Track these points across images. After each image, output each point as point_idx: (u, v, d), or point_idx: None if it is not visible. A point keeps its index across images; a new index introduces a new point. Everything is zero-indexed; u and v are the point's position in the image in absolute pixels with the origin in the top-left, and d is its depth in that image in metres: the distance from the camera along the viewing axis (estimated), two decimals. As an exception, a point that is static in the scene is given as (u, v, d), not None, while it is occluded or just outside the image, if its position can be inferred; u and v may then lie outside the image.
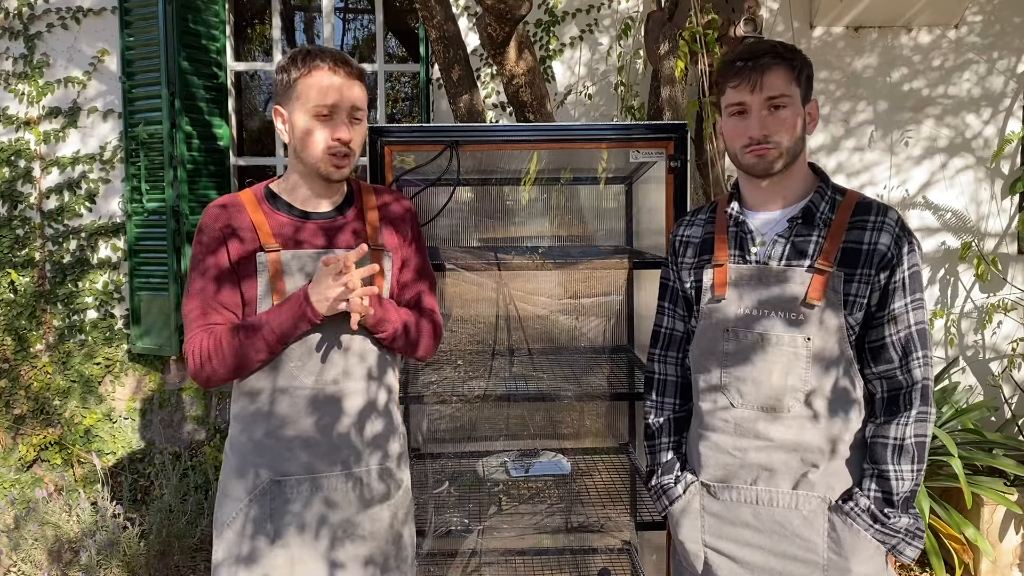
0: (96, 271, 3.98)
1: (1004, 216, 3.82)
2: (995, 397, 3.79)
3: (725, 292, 1.51)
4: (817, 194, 1.50)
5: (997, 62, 3.77)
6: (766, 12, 3.75)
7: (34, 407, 3.97)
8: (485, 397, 2.20)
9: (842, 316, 1.44)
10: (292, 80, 1.54)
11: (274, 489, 1.57)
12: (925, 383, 1.44)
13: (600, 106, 3.91)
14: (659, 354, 1.72)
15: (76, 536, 3.12)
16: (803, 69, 1.48)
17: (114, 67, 3.90)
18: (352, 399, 1.60)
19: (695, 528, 1.57)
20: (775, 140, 1.45)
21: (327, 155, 1.55)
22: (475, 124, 3.09)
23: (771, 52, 1.45)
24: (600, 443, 2.72)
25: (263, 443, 1.58)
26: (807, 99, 1.50)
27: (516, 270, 2.21)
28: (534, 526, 2.25)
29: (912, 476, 1.43)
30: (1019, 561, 3.16)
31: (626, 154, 2.05)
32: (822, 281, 1.43)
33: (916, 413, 1.43)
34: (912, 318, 1.44)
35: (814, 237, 1.47)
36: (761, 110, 1.45)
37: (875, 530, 1.43)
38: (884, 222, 1.45)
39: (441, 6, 3.01)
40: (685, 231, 1.67)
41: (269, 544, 1.56)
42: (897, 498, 1.42)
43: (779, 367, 1.46)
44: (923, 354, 1.44)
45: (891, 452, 1.43)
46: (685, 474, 1.61)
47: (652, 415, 1.71)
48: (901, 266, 1.43)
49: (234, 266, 1.56)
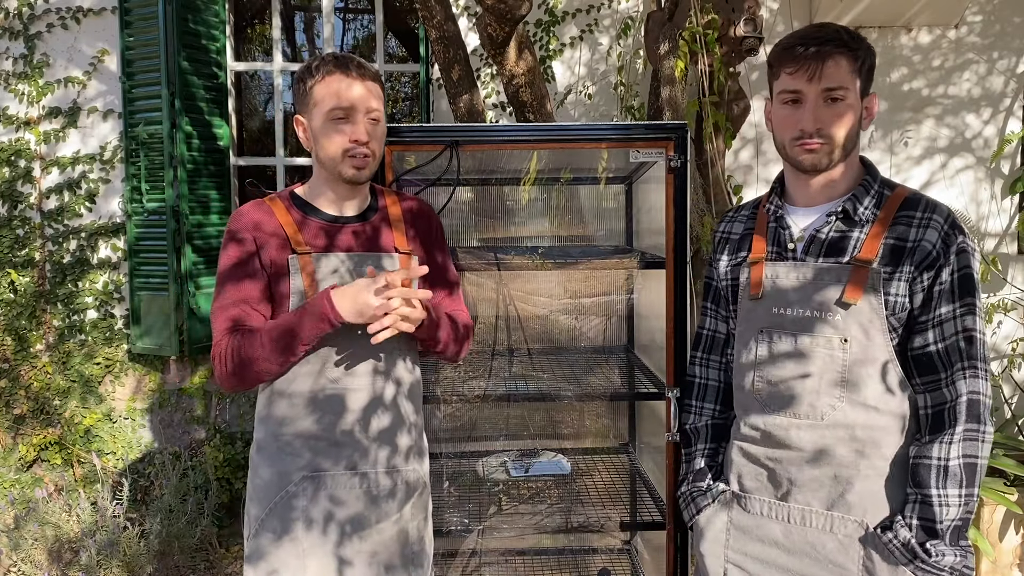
0: (96, 271, 3.98)
1: (1004, 216, 3.82)
2: (995, 397, 3.79)
3: (760, 291, 1.43)
4: (862, 187, 1.40)
5: (997, 62, 3.77)
6: (766, 12, 3.75)
7: (34, 407, 3.97)
8: (485, 397, 2.20)
9: (884, 317, 1.32)
10: (308, 88, 1.57)
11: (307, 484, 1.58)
12: (973, 397, 1.29)
13: (600, 106, 3.91)
14: (701, 357, 1.64)
15: (76, 536, 3.12)
16: (867, 59, 1.37)
17: (114, 67, 3.90)
18: (359, 395, 1.61)
19: (719, 542, 1.48)
20: (828, 134, 1.35)
21: (346, 157, 1.57)
22: (475, 124, 3.09)
23: (835, 39, 1.33)
24: (600, 443, 2.72)
25: (293, 441, 1.59)
26: (866, 92, 1.38)
27: (516, 270, 2.21)
28: (534, 526, 2.25)
29: (959, 502, 1.27)
30: (1019, 561, 3.16)
31: (626, 154, 2.05)
32: (861, 279, 1.32)
33: (963, 431, 1.28)
34: (960, 324, 1.30)
35: (855, 234, 1.36)
36: (817, 101, 1.34)
37: (915, 566, 1.28)
38: (932, 218, 1.33)
39: (441, 6, 3.01)
40: (726, 227, 1.59)
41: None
42: (941, 527, 1.28)
43: (815, 371, 1.36)
44: (974, 365, 1.30)
45: (935, 475, 1.28)
46: (717, 484, 1.52)
47: (690, 419, 1.62)
48: (948, 267, 1.31)
49: (266, 270, 1.58)
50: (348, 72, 1.55)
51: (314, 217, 1.63)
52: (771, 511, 1.42)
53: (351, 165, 1.57)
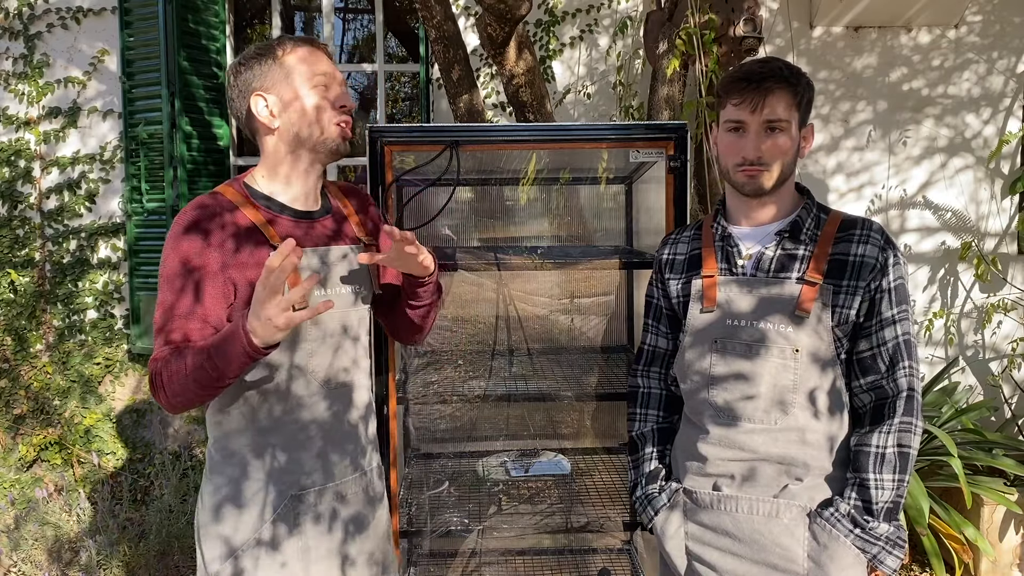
0: (96, 271, 3.98)
1: (1004, 216, 3.82)
2: (995, 397, 3.79)
3: (714, 304, 1.52)
4: (804, 210, 1.52)
5: (997, 62, 3.77)
6: (766, 12, 3.75)
7: (34, 407, 3.97)
8: (485, 397, 2.20)
9: (831, 328, 1.44)
10: (277, 60, 1.46)
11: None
12: (911, 393, 1.43)
13: (599, 106, 3.91)
14: (642, 369, 1.74)
15: (76, 536, 3.12)
16: (805, 94, 1.48)
17: (114, 67, 3.90)
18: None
19: (679, 537, 1.57)
20: (767, 162, 1.46)
21: (338, 125, 1.48)
22: (475, 124, 3.09)
23: (777, 75, 1.45)
24: (600, 443, 2.72)
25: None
26: (804, 123, 1.51)
27: (516, 270, 2.21)
28: (534, 526, 2.25)
29: (893, 486, 1.41)
30: (1019, 561, 3.16)
31: (626, 154, 2.05)
32: (811, 293, 1.44)
33: (899, 422, 1.41)
34: (899, 328, 1.44)
35: (800, 252, 1.48)
36: (759, 132, 1.46)
37: (855, 536, 1.41)
38: (870, 235, 1.46)
39: (441, 6, 3.01)
40: (670, 250, 1.68)
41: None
42: (877, 507, 1.41)
43: (767, 378, 1.45)
44: (910, 364, 1.43)
45: (873, 461, 1.41)
46: (670, 483, 1.61)
47: (636, 427, 1.72)
48: (887, 277, 1.44)
49: (228, 271, 1.41)
50: (318, 46, 1.50)
51: (280, 212, 1.48)
52: (721, 504, 1.51)
53: (340, 133, 1.48)
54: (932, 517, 3.04)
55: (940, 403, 3.54)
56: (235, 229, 1.42)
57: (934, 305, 3.85)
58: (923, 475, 3.14)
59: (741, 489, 1.48)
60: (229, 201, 1.45)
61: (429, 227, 2.55)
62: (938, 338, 3.85)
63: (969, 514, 3.07)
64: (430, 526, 2.23)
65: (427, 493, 2.42)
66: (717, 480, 1.51)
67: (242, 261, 1.41)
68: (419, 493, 2.42)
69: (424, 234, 2.65)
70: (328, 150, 1.50)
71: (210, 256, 1.40)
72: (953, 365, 3.81)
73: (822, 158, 3.82)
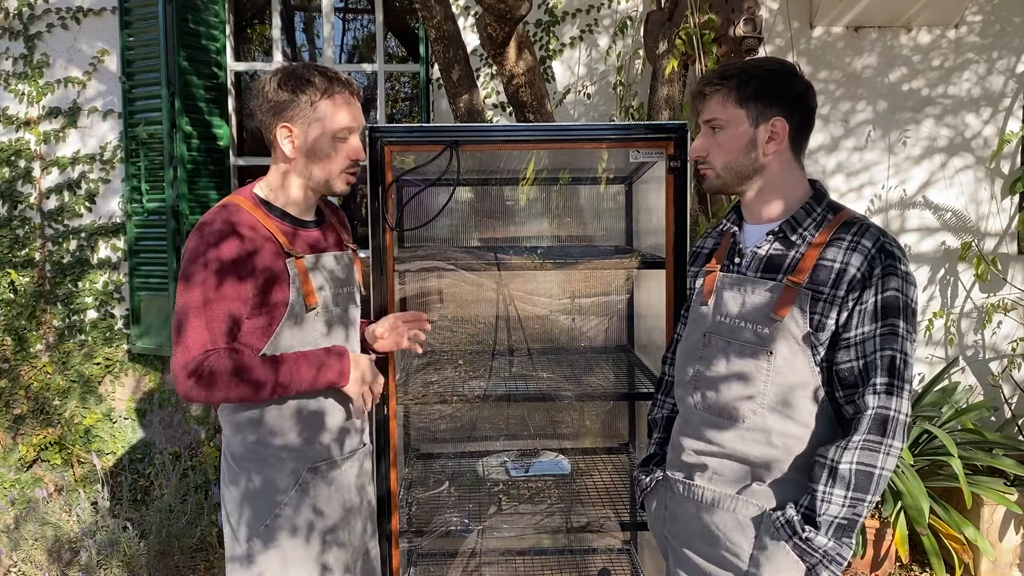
0: (96, 271, 3.98)
1: (1004, 216, 3.82)
2: (995, 397, 3.79)
3: (709, 299, 1.55)
4: (803, 210, 1.48)
5: (997, 62, 3.77)
6: (766, 12, 3.75)
7: (34, 407, 3.97)
8: (485, 397, 2.20)
9: (807, 335, 1.41)
10: (310, 102, 1.59)
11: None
12: (883, 412, 1.35)
13: (599, 106, 3.91)
14: (669, 357, 1.79)
15: (76, 536, 3.12)
16: (750, 84, 1.46)
17: (114, 67, 3.90)
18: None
19: (659, 519, 1.64)
20: (709, 161, 1.52)
21: (345, 173, 1.65)
22: (475, 124, 3.09)
23: (711, 81, 1.51)
24: (600, 443, 2.72)
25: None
26: (764, 115, 1.47)
27: (516, 270, 2.21)
28: (534, 526, 2.25)
29: (843, 503, 1.35)
30: (1019, 561, 3.16)
31: (626, 154, 2.05)
32: (789, 298, 1.41)
33: (861, 440, 1.34)
34: (879, 343, 1.36)
35: (792, 253, 1.46)
36: (705, 131, 1.53)
37: (794, 543, 1.38)
38: (860, 243, 1.40)
39: (441, 6, 3.01)
40: (702, 242, 1.72)
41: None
42: (820, 520, 1.36)
43: (741, 377, 1.47)
44: (888, 382, 1.36)
45: (824, 473, 1.36)
46: (656, 470, 1.67)
47: (654, 411, 1.79)
48: (871, 288, 1.37)
49: (257, 275, 1.56)
50: (354, 92, 1.65)
51: (289, 223, 1.67)
52: (688, 492, 1.55)
53: (346, 180, 1.66)
54: (932, 517, 3.04)
55: (940, 403, 3.54)
56: (257, 238, 1.58)
57: (934, 305, 3.85)
58: (923, 475, 3.15)
59: (711, 482, 1.51)
60: (248, 212, 1.61)
61: (429, 227, 2.55)
62: (938, 338, 3.85)
63: (969, 514, 3.07)
64: (430, 526, 2.23)
65: (427, 493, 2.43)
66: (691, 470, 1.55)
67: (262, 267, 1.57)
68: (419, 493, 2.42)
69: (424, 234, 2.65)
70: (329, 192, 1.68)
71: (239, 263, 1.55)
72: (953, 365, 3.81)
73: (822, 158, 3.82)
